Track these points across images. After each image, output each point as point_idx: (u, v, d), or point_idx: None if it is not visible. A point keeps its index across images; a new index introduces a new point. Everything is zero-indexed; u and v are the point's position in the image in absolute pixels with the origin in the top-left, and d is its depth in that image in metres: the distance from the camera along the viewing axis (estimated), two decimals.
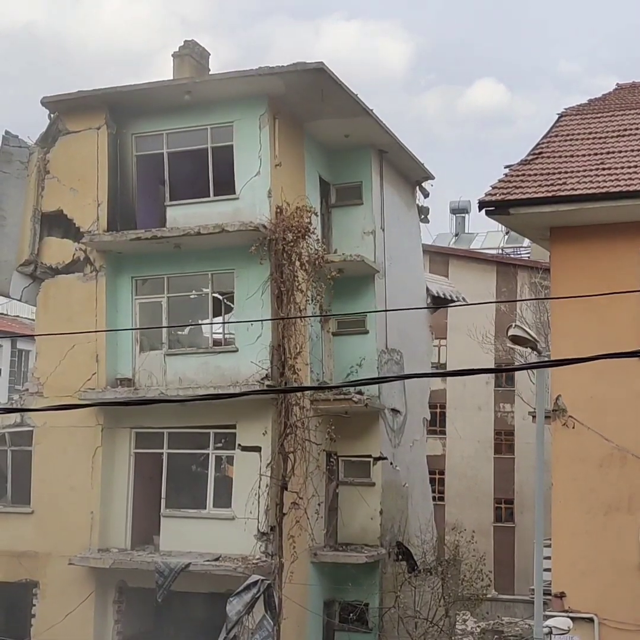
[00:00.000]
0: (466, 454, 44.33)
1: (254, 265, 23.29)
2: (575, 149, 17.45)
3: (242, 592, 21.47)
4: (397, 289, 27.42)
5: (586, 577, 15.68)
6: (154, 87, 23.98)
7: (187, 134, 24.50)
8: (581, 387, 15.82)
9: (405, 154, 27.74)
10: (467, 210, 56.37)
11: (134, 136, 24.91)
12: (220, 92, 23.70)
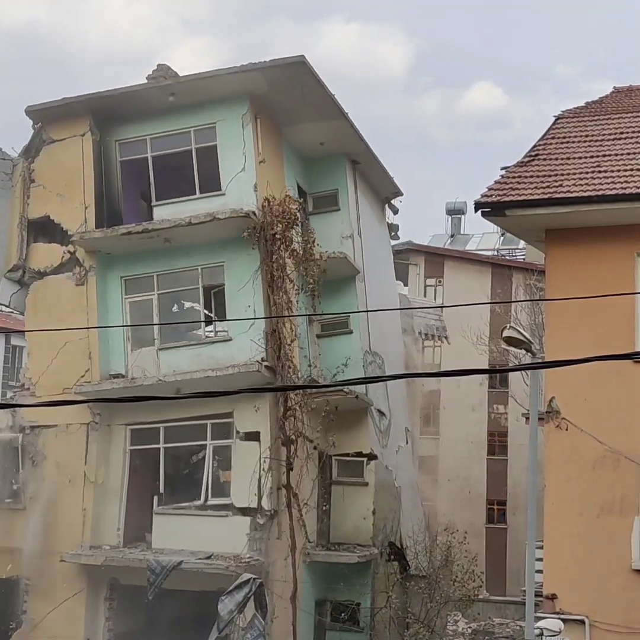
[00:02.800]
0: (459, 454, 44.31)
1: (244, 256, 23.51)
2: (572, 152, 17.46)
3: (234, 590, 21.48)
4: (375, 294, 27.62)
5: (578, 579, 15.70)
6: (137, 89, 24.12)
7: (171, 137, 24.68)
8: (575, 389, 15.83)
9: (376, 166, 28.17)
10: (463, 212, 56.32)
11: (117, 143, 25.11)
12: (202, 93, 23.82)
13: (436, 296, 46.35)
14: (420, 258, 47.07)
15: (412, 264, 46.84)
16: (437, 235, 56.10)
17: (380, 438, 26.98)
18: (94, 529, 23.84)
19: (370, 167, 27.94)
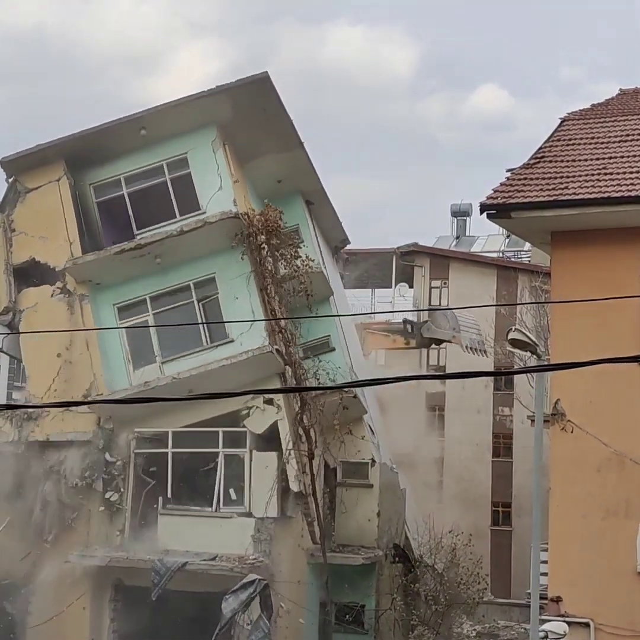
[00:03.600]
0: (464, 456, 44.25)
1: (234, 265, 24.01)
2: (578, 154, 17.44)
3: (239, 590, 21.50)
4: (343, 320, 27.91)
5: (583, 581, 15.67)
6: (108, 127, 24.50)
7: (144, 173, 25.24)
8: (580, 392, 15.80)
9: (328, 209, 28.71)
10: (468, 214, 56.20)
11: (91, 186, 25.50)
12: (171, 123, 24.42)
13: (441, 298, 46.32)
14: (426, 260, 47.03)
15: (417, 265, 46.82)
16: (442, 237, 56.04)
17: (374, 443, 27.12)
18: (99, 529, 23.89)
19: (322, 210, 28.62)
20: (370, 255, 49.68)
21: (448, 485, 43.28)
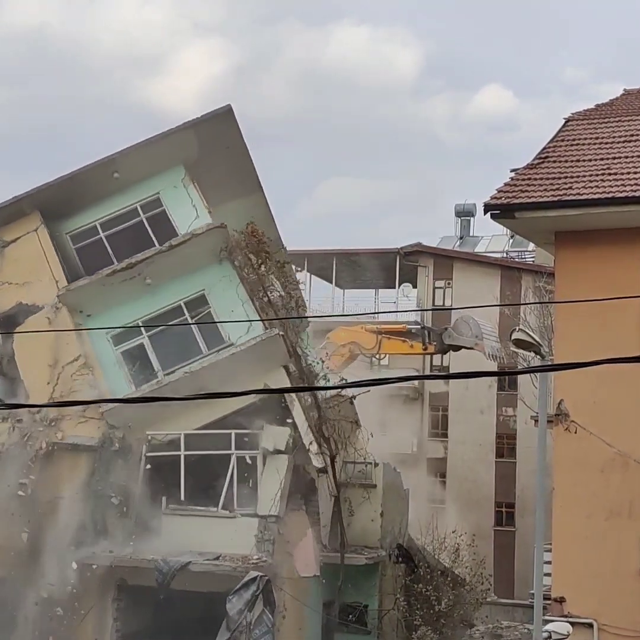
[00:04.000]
0: (467, 457, 44.25)
1: (223, 279, 24.79)
2: (582, 154, 17.43)
3: (241, 589, 21.49)
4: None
5: (586, 582, 15.67)
6: (80, 172, 25.00)
7: (120, 217, 25.81)
8: (584, 392, 15.80)
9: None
10: (472, 214, 56.19)
11: (68, 235, 25.86)
12: (141, 164, 25.09)
13: (445, 298, 46.32)
14: (430, 260, 47.04)
15: (421, 265, 46.84)
16: (446, 237, 56.05)
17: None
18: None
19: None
20: (374, 256, 49.70)
21: (451, 485, 43.30)
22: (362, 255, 50.14)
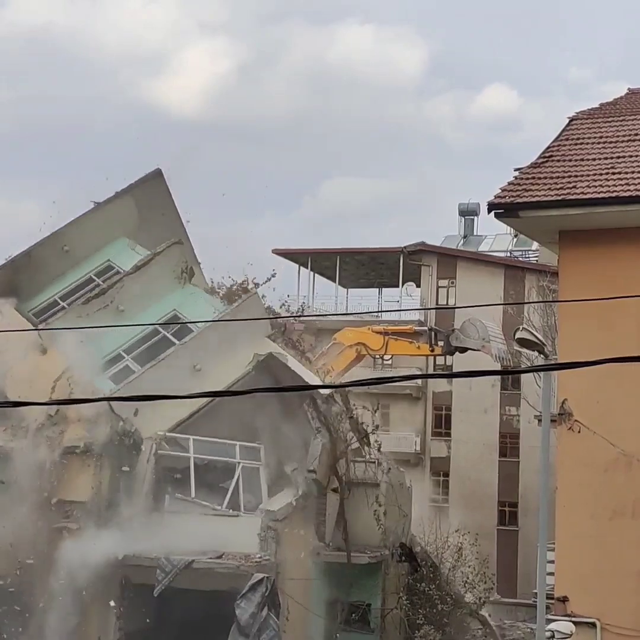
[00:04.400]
0: (471, 456, 44.24)
1: (190, 295, 26.86)
2: (586, 153, 17.39)
3: (248, 592, 21.43)
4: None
5: (589, 581, 15.64)
6: (32, 249, 26.57)
7: (77, 287, 27.33)
8: (587, 392, 15.77)
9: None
10: (476, 213, 56.15)
11: (30, 312, 26.97)
12: (88, 235, 26.89)
13: (448, 297, 46.31)
14: (433, 259, 47.03)
15: (424, 264, 46.83)
16: (450, 237, 56.03)
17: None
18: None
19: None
20: (378, 255, 49.71)
21: (454, 484, 43.31)
22: (366, 254, 50.15)
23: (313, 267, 49.79)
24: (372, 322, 44.43)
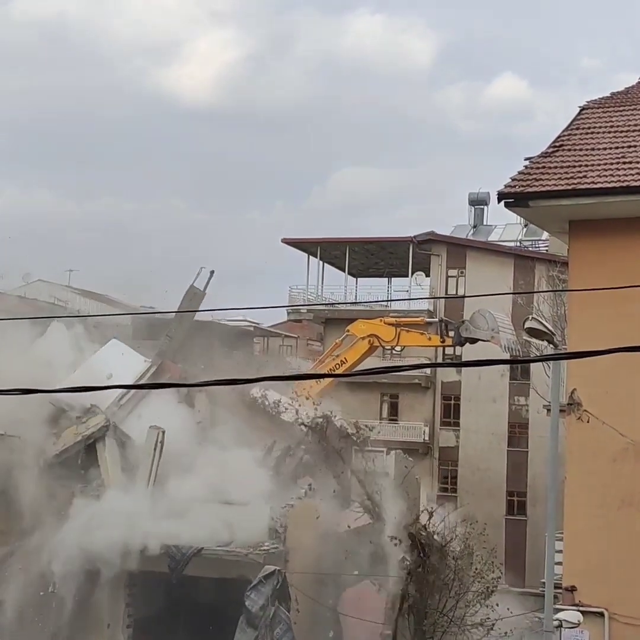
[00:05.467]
0: (479, 446, 44.22)
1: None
2: (597, 142, 17.33)
3: (258, 584, 21.41)
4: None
5: (597, 571, 15.65)
6: None
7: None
8: (596, 382, 15.75)
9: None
10: (486, 202, 55.92)
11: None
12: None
13: (458, 287, 46.22)
14: (443, 248, 46.92)
15: (434, 254, 46.71)
16: (459, 226, 55.86)
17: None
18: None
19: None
20: (387, 244, 49.63)
21: (463, 474, 43.29)
22: (375, 244, 50.07)
23: (322, 256, 49.72)
24: (381, 312, 44.48)
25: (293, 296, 50.04)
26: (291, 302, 48.81)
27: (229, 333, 61.46)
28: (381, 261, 52.21)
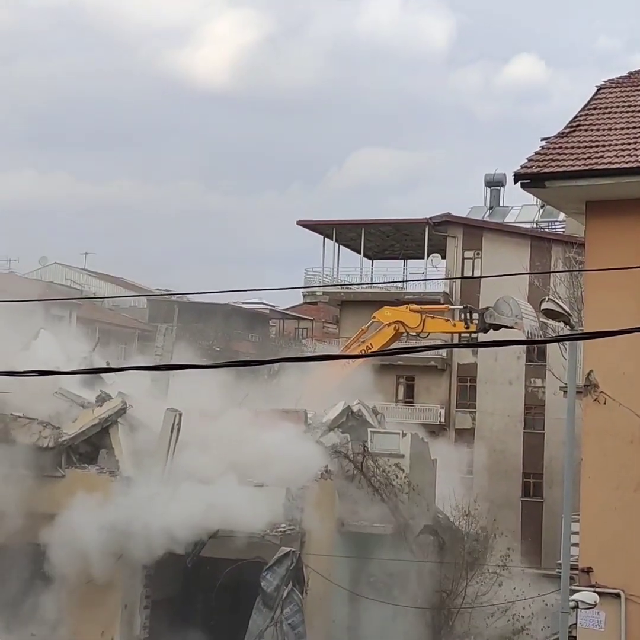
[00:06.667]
0: (496, 428, 44.21)
1: None
2: (614, 122, 17.19)
3: (274, 565, 21.52)
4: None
5: (614, 552, 15.63)
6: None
7: None
8: (613, 363, 15.68)
9: None
10: (502, 183, 55.67)
11: None
12: None
13: (474, 269, 46.10)
14: (459, 230, 46.79)
15: (450, 236, 46.60)
16: (475, 208, 55.66)
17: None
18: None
19: None
20: (403, 226, 49.52)
21: (479, 456, 43.29)
22: (391, 226, 49.97)
23: (338, 238, 49.65)
24: (397, 294, 44.42)
25: (309, 278, 50.01)
26: (307, 285, 48.82)
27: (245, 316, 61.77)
28: (397, 243, 52.10)
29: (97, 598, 23.49)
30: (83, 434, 25.27)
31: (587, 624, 15.07)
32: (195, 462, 24.12)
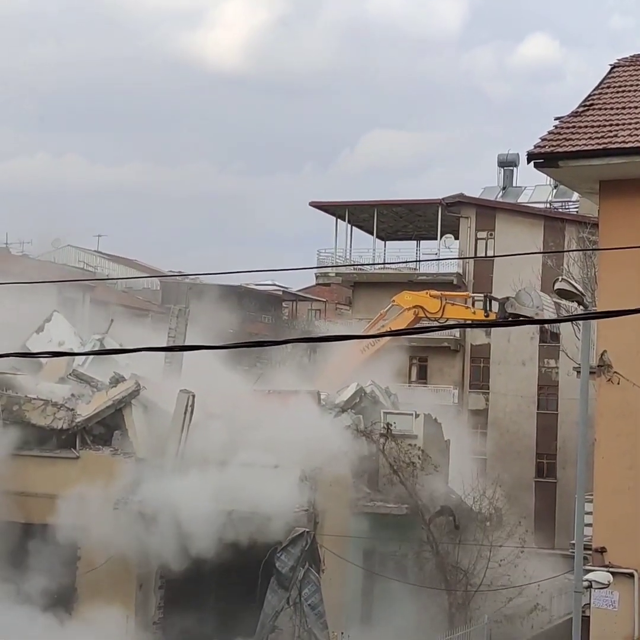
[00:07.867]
0: (509, 409, 44.18)
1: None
2: (628, 101, 17.08)
3: (288, 546, 21.58)
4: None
5: (627, 532, 15.64)
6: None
7: None
8: (627, 343, 15.65)
9: None
10: (515, 164, 55.34)
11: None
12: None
13: (487, 249, 45.96)
14: (472, 211, 46.62)
15: (463, 216, 46.43)
16: (488, 188, 55.41)
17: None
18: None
19: None
20: (416, 207, 49.37)
21: (492, 437, 43.29)
22: (404, 206, 49.81)
23: (350, 219, 49.53)
24: (410, 275, 44.33)
25: (321, 259, 49.93)
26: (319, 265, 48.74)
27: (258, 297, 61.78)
28: (410, 224, 51.96)
29: (113, 576, 23.61)
30: (97, 416, 25.36)
31: (601, 603, 15.11)
32: (208, 443, 24.19)
